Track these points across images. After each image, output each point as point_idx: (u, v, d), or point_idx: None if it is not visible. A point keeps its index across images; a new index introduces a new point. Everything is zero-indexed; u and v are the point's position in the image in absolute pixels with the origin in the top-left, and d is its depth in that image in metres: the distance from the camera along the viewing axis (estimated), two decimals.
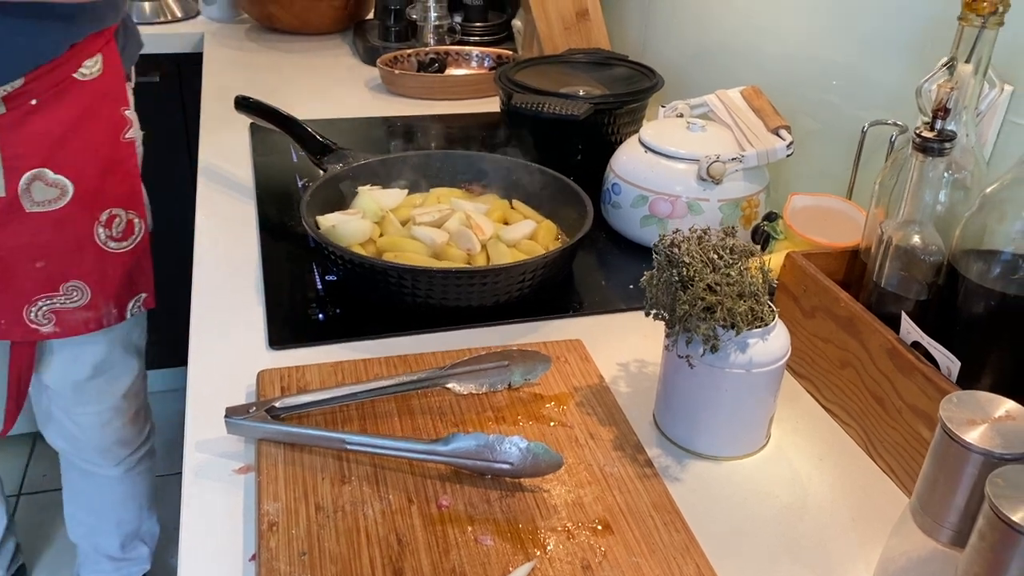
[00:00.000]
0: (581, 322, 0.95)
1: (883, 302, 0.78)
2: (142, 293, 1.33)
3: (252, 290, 0.97)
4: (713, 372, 0.72)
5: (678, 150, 1.05)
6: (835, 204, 0.97)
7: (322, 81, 1.66)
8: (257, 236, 1.08)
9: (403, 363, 0.83)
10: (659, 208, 1.05)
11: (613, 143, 1.28)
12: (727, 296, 0.68)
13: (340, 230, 0.98)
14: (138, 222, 1.28)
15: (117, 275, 1.27)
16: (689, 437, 0.76)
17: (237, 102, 1.23)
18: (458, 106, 1.56)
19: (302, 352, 0.87)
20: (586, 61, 1.41)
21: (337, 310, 0.93)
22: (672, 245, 0.71)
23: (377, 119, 1.48)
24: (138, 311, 1.33)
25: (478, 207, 1.07)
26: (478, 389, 0.79)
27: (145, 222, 1.30)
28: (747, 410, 0.74)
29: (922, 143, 0.72)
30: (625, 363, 0.88)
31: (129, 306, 1.31)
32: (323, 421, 0.75)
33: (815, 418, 0.82)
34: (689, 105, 1.16)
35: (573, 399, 0.79)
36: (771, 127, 1.06)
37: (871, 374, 0.76)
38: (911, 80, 0.95)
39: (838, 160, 1.08)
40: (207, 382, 0.82)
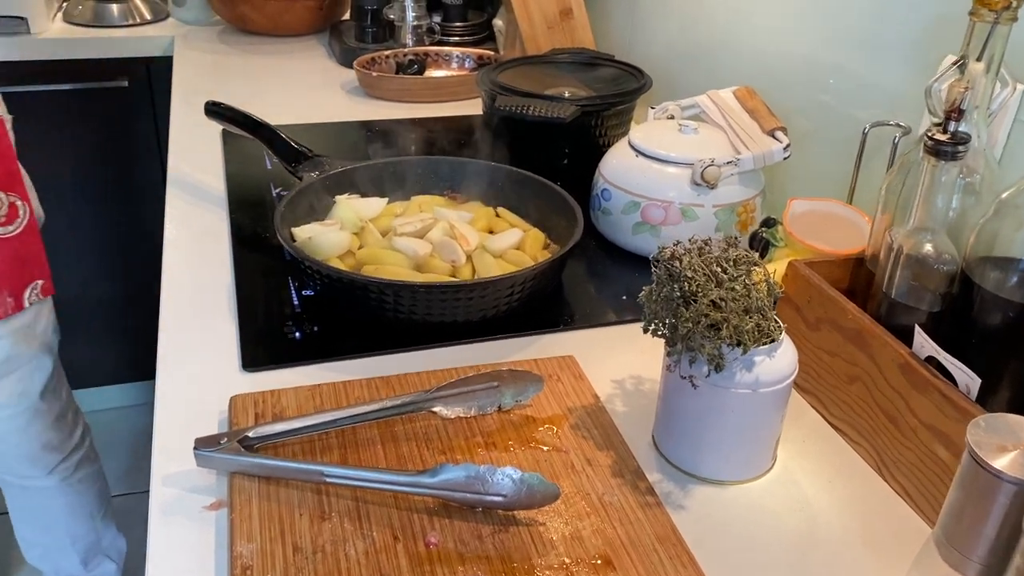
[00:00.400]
0: (573, 336, 0.90)
1: (893, 314, 0.74)
2: (38, 280, 1.27)
3: (224, 307, 0.92)
4: (717, 392, 0.67)
5: (670, 153, 1.01)
6: (835, 209, 0.93)
7: (297, 85, 1.61)
8: (229, 249, 1.03)
9: (386, 385, 0.78)
10: (652, 214, 1.00)
11: (601, 146, 1.24)
12: (733, 312, 0.64)
13: (316, 242, 0.93)
14: (21, 205, 1.21)
15: (6, 261, 1.21)
16: (692, 461, 0.72)
17: (207, 108, 1.17)
18: (438, 109, 1.51)
19: (278, 374, 0.82)
20: (571, 61, 1.36)
21: (315, 328, 0.88)
22: (672, 258, 0.67)
23: (355, 123, 1.43)
24: (36, 299, 1.28)
25: (462, 216, 1.02)
26: (466, 412, 0.74)
27: (30, 205, 1.23)
28: (753, 431, 0.70)
29: (934, 146, 0.68)
30: (620, 380, 0.84)
31: (26, 294, 1.26)
32: (300, 451, 0.70)
33: (822, 436, 0.78)
34: (680, 106, 1.12)
35: (567, 421, 0.75)
36: (766, 129, 1.01)
37: (882, 390, 0.72)
38: (912, 79, 0.92)
39: (835, 162, 1.04)
40: (175, 409, 0.77)
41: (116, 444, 2.14)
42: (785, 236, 0.91)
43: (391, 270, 0.91)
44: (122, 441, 2.17)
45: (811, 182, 1.09)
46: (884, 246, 0.75)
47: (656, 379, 0.83)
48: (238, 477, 0.67)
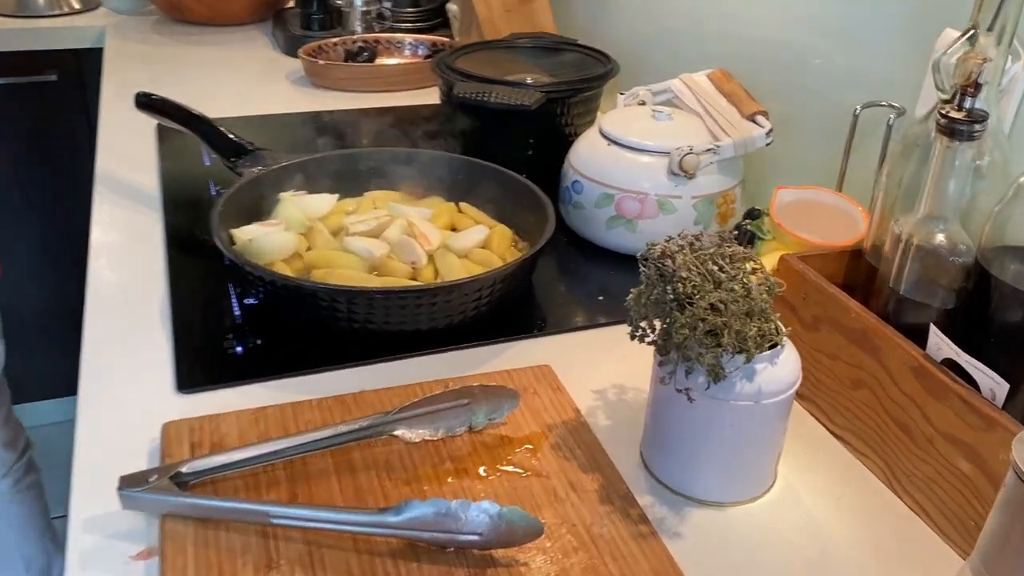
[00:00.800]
0: (546, 343, 0.82)
1: (902, 312, 0.67)
2: None
3: (156, 320, 0.82)
4: (716, 405, 0.60)
5: (644, 141, 0.93)
6: (825, 197, 0.86)
7: (238, 76, 1.50)
8: (163, 254, 0.93)
9: (340, 406, 0.69)
10: (626, 207, 0.93)
11: (567, 136, 1.16)
12: (734, 316, 0.56)
13: (259, 245, 0.84)
14: None
15: None
16: (686, 481, 0.64)
17: (138, 100, 1.07)
18: (391, 98, 1.42)
19: (217, 395, 0.72)
20: (531, 46, 1.28)
21: (258, 341, 0.79)
22: (664, 256, 0.59)
23: (302, 115, 1.33)
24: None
25: (421, 212, 0.93)
26: (433, 434, 0.66)
27: None
28: (755, 447, 0.63)
29: (949, 125, 0.61)
30: (601, 390, 0.76)
31: None
32: (243, 487, 0.61)
33: (825, 448, 0.71)
34: (651, 92, 1.04)
35: (547, 440, 0.67)
36: (746, 113, 0.94)
37: (892, 397, 0.65)
38: (901, 57, 0.85)
39: (818, 148, 0.97)
40: (99, 440, 0.67)
41: (56, 463, 2.01)
42: (773, 228, 0.84)
43: (343, 274, 0.82)
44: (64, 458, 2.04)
45: (792, 170, 1.02)
46: (890, 237, 0.68)
47: (640, 388, 0.76)
48: (170, 520, 0.58)
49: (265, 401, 0.71)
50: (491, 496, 0.61)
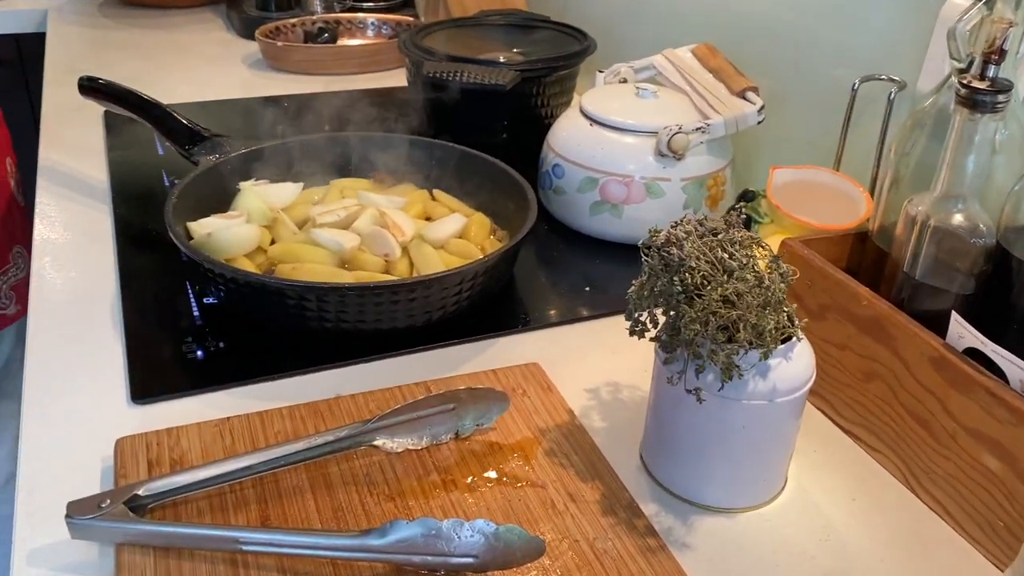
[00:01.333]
0: (532, 338, 0.77)
1: (918, 298, 0.63)
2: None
3: (107, 323, 0.75)
4: (726, 405, 0.55)
5: (629, 121, 0.88)
6: (823, 177, 0.82)
7: (191, 60, 1.42)
8: (113, 251, 0.86)
9: (313, 415, 0.63)
10: (612, 192, 0.87)
11: (543, 118, 1.11)
12: (750, 309, 0.51)
13: (218, 239, 0.77)
14: None
15: None
16: (693, 486, 0.59)
17: (81, 84, 0.99)
18: (354, 81, 1.35)
19: (176, 405, 0.66)
20: (502, 23, 1.22)
21: (220, 343, 0.73)
22: (669, 244, 0.54)
23: (260, 99, 1.26)
24: None
25: (393, 201, 0.87)
26: (416, 443, 0.60)
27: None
28: (767, 449, 0.58)
29: (971, 96, 0.56)
30: (594, 388, 0.71)
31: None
32: (208, 508, 0.55)
33: (836, 445, 0.66)
34: (633, 68, 0.99)
35: (540, 446, 0.61)
36: (735, 90, 0.89)
37: (909, 389, 0.61)
38: (898, 28, 0.81)
39: (810, 124, 0.93)
40: (45, 459, 0.61)
41: None
42: (770, 210, 0.79)
43: (311, 268, 0.76)
44: None
45: (783, 148, 0.97)
46: (902, 219, 0.63)
47: (636, 385, 0.71)
48: (127, 550, 0.52)
49: (230, 410, 0.64)
50: (483, 511, 0.55)
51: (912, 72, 0.78)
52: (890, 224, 0.68)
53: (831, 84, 0.88)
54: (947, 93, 0.64)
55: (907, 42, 0.79)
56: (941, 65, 0.74)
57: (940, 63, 0.74)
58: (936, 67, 0.74)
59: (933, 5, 0.75)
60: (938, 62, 0.74)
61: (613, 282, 0.86)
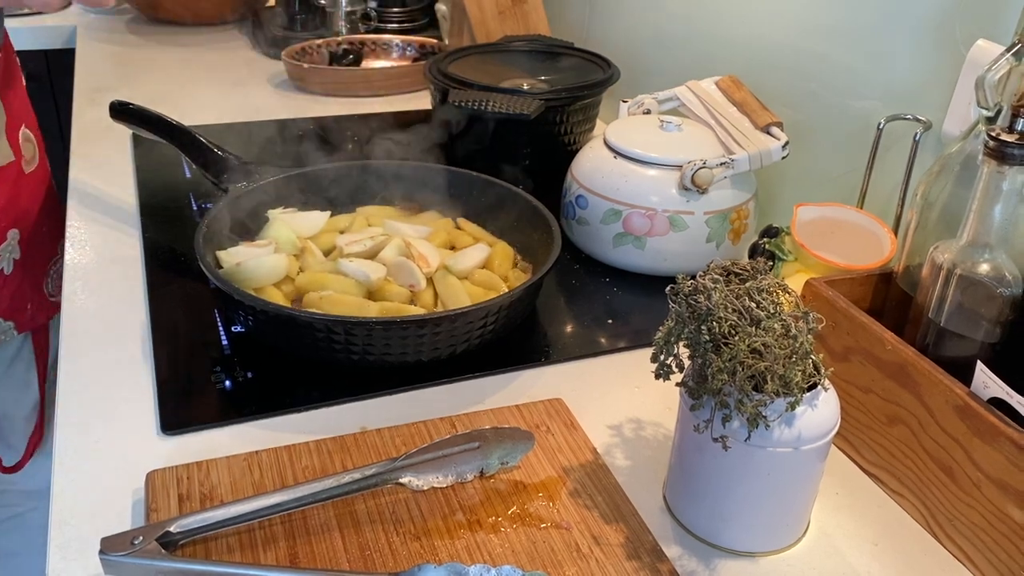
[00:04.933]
0: (554, 372, 0.77)
1: (942, 344, 0.63)
2: None
3: (137, 351, 0.76)
4: (753, 453, 0.55)
5: (652, 155, 0.88)
6: (847, 215, 0.82)
7: (218, 79, 1.44)
8: (143, 277, 0.87)
9: (340, 449, 0.64)
10: (635, 224, 0.88)
11: (566, 145, 1.12)
12: (778, 360, 0.52)
13: (247, 269, 0.78)
14: None
15: None
16: (716, 530, 0.60)
17: (113, 108, 1.01)
18: (379, 104, 1.36)
19: (205, 437, 0.67)
20: (526, 50, 1.23)
21: (248, 373, 0.74)
22: (696, 292, 0.54)
23: (285, 122, 1.27)
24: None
25: (418, 230, 0.88)
26: (442, 481, 0.61)
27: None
28: (792, 494, 0.58)
29: (999, 148, 0.57)
30: (617, 425, 0.71)
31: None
32: (238, 545, 0.56)
33: (858, 487, 0.67)
34: (656, 99, 0.99)
35: (565, 486, 0.62)
36: (760, 124, 0.90)
37: (933, 436, 0.61)
38: (924, 66, 0.81)
39: (832, 160, 0.93)
40: (77, 491, 0.62)
41: None
42: (795, 248, 0.79)
43: (338, 299, 0.77)
44: None
45: (803, 183, 0.97)
46: (928, 265, 0.64)
47: (658, 423, 0.71)
48: None
49: (257, 442, 0.65)
50: (509, 552, 0.56)
51: (938, 110, 0.78)
52: (915, 266, 0.69)
53: (854, 118, 0.89)
54: (974, 140, 0.64)
55: (933, 78, 0.80)
56: (967, 108, 0.74)
57: (966, 106, 0.74)
58: (962, 109, 0.75)
59: (960, 44, 0.75)
60: (964, 104, 0.74)
61: (635, 314, 0.86)
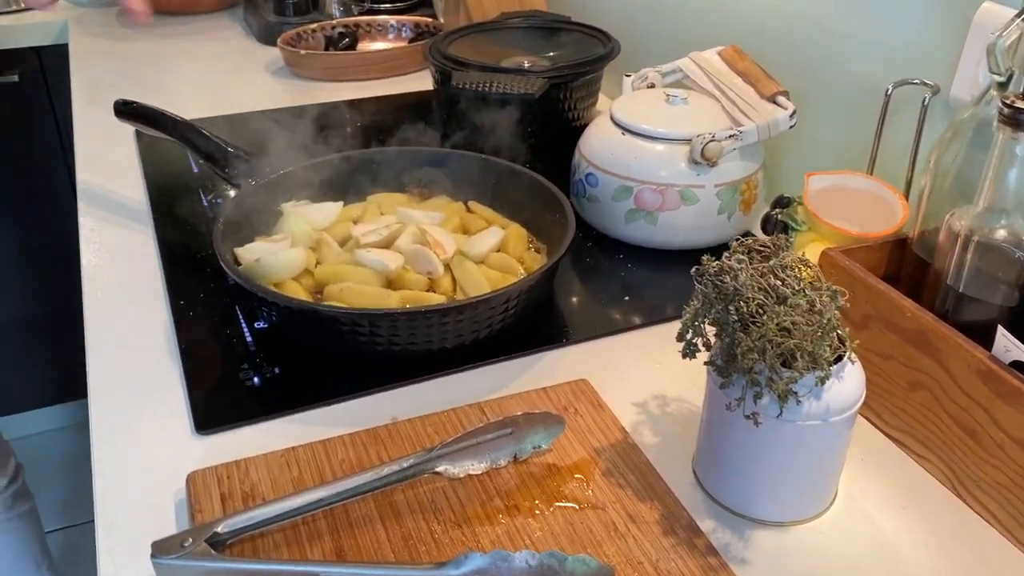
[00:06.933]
0: (575, 352, 0.78)
1: (961, 310, 0.64)
2: None
3: (164, 352, 0.77)
4: (782, 427, 0.56)
5: (660, 129, 0.89)
6: (856, 182, 0.83)
7: (215, 70, 1.43)
8: (161, 275, 0.87)
9: (374, 441, 0.65)
10: (646, 200, 0.89)
11: (571, 121, 1.12)
12: (806, 337, 0.52)
13: (267, 265, 0.79)
14: None
15: None
16: (748, 502, 0.61)
17: (118, 108, 1.01)
18: (378, 86, 1.36)
19: (240, 434, 0.68)
20: (524, 27, 1.23)
21: (275, 369, 0.74)
22: (722, 272, 0.55)
23: (286, 111, 1.27)
24: None
25: (431, 216, 0.89)
26: (477, 468, 0.62)
27: None
28: (821, 465, 0.60)
29: (1013, 115, 0.57)
30: (642, 402, 0.72)
31: None
32: (284, 541, 0.57)
33: (882, 451, 0.68)
34: (660, 72, 1.00)
35: (597, 467, 0.63)
36: (766, 94, 0.90)
37: (955, 400, 0.62)
38: (928, 29, 0.81)
39: (837, 125, 0.94)
40: (121, 495, 0.63)
41: (50, 472, 1.96)
42: (808, 218, 0.80)
43: (358, 289, 0.78)
44: (55, 468, 1.99)
45: (809, 150, 0.98)
46: (944, 231, 0.65)
47: (683, 398, 0.73)
48: None
49: (291, 437, 0.67)
50: (549, 536, 0.57)
51: (945, 73, 0.79)
52: (930, 232, 0.69)
53: (859, 83, 0.89)
54: (986, 106, 0.65)
55: (940, 41, 0.80)
56: (975, 71, 0.74)
57: (975, 68, 0.74)
58: (970, 72, 0.75)
59: (966, 5, 0.75)
60: (972, 67, 0.75)
61: (650, 288, 0.87)
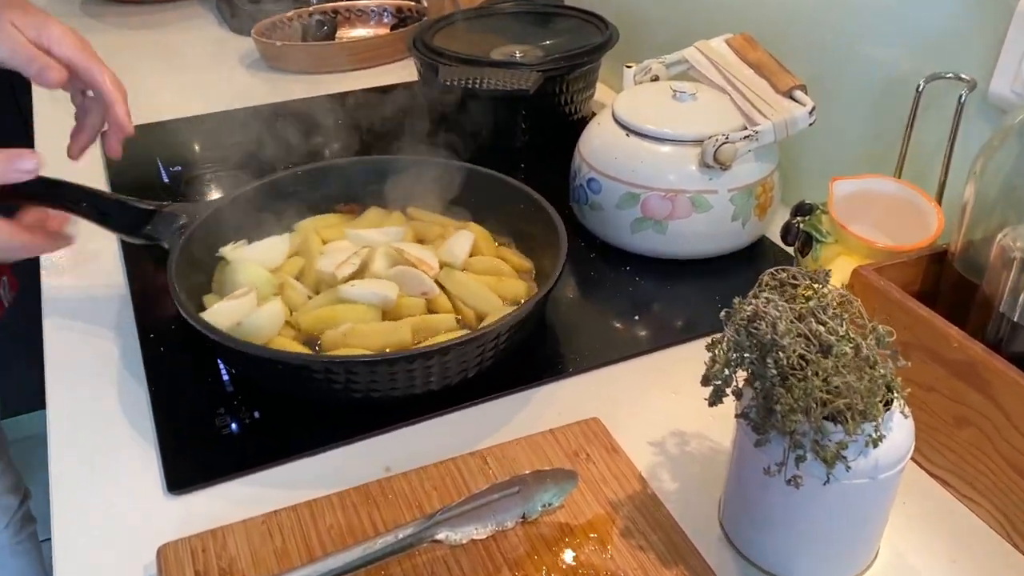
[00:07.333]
0: (580, 383, 0.72)
1: (1017, 341, 0.58)
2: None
3: (132, 396, 0.70)
4: (827, 488, 0.50)
5: (668, 130, 0.82)
6: (883, 186, 0.76)
7: (188, 65, 1.34)
8: (130, 305, 0.80)
9: (365, 500, 0.59)
10: (655, 208, 0.82)
11: (567, 115, 1.05)
12: (857, 394, 0.46)
13: (252, 327, 0.69)
14: None
15: None
16: (785, 562, 0.55)
17: None
18: (362, 77, 1.27)
19: (217, 493, 0.61)
20: (514, 12, 1.15)
21: (255, 413, 0.68)
22: (757, 318, 0.48)
23: (264, 108, 1.19)
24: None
25: (387, 233, 0.81)
26: (481, 532, 0.55)
27: None
28: (867, 523, 0.53)
29: None
30: (659, 441, 0.66)
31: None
32: None
33: (926, 493, 0.62)
34: (664, 64, 0.92)
35: (615, 525, 0.57)
36: (781, 88, 0.83)
37: (1009, 440, 0.56)
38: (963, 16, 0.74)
39: (855, 124, 0.86)
40: (80, 568, 0.56)
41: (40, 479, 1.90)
42: (834, 229, 0.73)
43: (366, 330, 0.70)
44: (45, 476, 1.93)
45: (826, 149, 0.90)
46: (997, 251, 0.58)
47: (702, 432, 0.66)
48: None
49: (274, 496, 0.60)
50: None
51: (983, 66, 0.71)
52: (975, 247, 0.63)
53: (883, 75, 0.82)
54: None
55: (977, 28, 0.72)
56: (1019, 64, 0.67)
57: (1018, 62, 0.67)
58: (1013, 65, 0.68)
59: None
60: (1016, 60, 0.68)
61: (662, 305, 0.81)
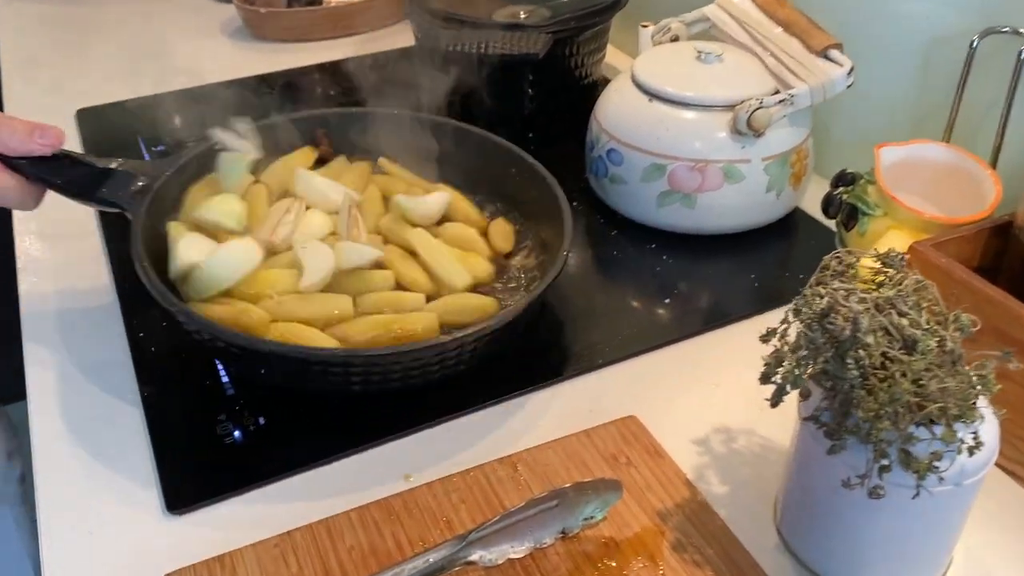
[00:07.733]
0: (609, 376, 0.66)
1: None
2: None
3: (124, 407, 0.64)
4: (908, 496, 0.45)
5: (694, 95, 0.75)
6: (932, 152, 0.70)
7: (165, 37, 1.26)
8: (117, 304, 0.74)
9: (386, 516, 0.53)
10: (683, 180, 0.76)
11: (578, 78, 0.98)
12: (952, 399, 0.40)
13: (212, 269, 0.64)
14: None
15: None
16: (855, 572, 0.50)
17: None
18: (351, 45, 1.20)
19: (222, 511, 0.56)
20: None
21: (259, 419, 0.62)
22: (832, 312, 0.43)
23: (249, 80, 1.11)
24: None
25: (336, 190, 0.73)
26: (518, 551, 0.50)
27: None
28: (949, 530, 0.48)
29: None
30: (702, 438, 0.60)
31: None
32: None
33: (1000, 490, 0.57)
34: (684, 23, 0.85)
35: (665, 538, 0.52)
36: (816, 48, 0.76)
37: None
38: None
39: (894, 84, 0.80)
40: None
41: None
42: (882, 200, 0.67)
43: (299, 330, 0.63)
44: None
45: (861, 112, 0.84)
46: None
47: (749, 428, 0.61)
48: None
49: (284, 511, 0.54)
50: None
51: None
52: None
53: (926, 30, 0.76)
54: None
55: None
56: None
57: None
58: None
59: None
60: None
61: (693, 286, 0.75)
